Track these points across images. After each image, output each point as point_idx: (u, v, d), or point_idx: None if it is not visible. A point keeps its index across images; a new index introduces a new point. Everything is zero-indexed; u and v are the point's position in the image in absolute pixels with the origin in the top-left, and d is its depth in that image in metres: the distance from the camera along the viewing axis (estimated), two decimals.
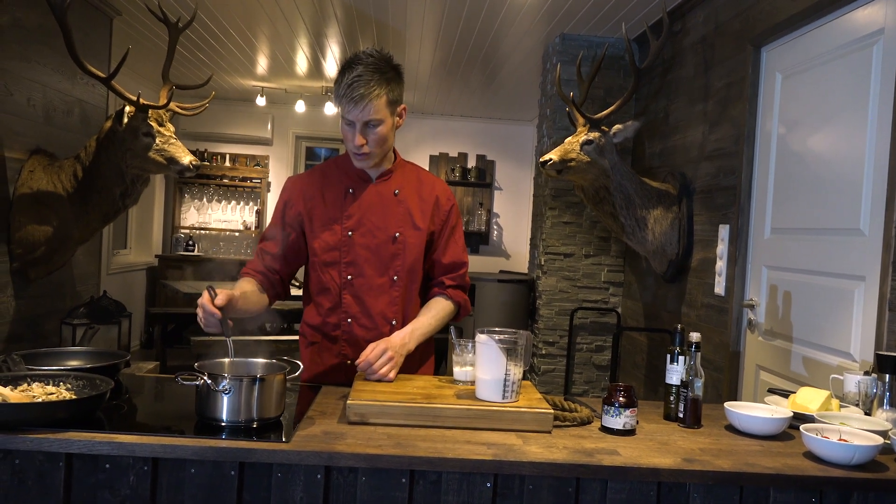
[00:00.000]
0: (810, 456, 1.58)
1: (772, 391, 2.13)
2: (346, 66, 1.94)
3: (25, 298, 3.84)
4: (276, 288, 2.08)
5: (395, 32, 5.07)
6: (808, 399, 1.89)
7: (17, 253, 3.58)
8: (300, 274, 2.19)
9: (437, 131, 8.39)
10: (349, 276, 2.03)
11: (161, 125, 3.46)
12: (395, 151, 2.12)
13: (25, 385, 1.62)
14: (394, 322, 2.05)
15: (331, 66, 6.23)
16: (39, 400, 1.53)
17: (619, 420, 1.69)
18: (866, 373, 1.95)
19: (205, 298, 1.74)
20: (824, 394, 1.88)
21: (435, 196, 2.11)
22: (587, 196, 4.00)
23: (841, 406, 1.90)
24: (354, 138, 1.94)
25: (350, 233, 2.03)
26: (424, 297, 2.16)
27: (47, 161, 3.73)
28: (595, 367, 5.09)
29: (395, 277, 2.05)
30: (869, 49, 2.52)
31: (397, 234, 2.04)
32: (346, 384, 1.98)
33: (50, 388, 1.62)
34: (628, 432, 1.69)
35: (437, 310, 2.10)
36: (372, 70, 1.90)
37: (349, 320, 2.05)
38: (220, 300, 1.74)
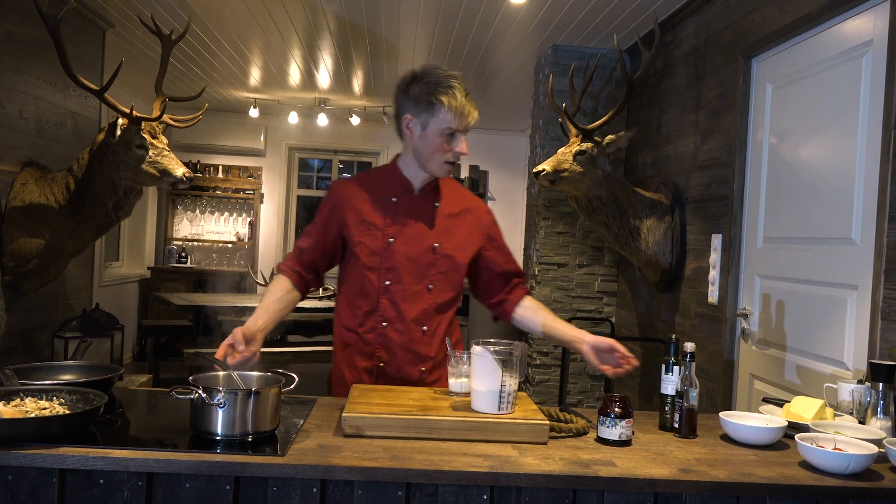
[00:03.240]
0: (805, 465, 1.59)
1: (766, 400, 2.13)
2: (444, 82, 2.03)
3: (17, 311, 3.82)
4: (309, 285, 2.16)
5: (388, 44, 5.09)
6: (803, 408, 1.89)
7: (8, 266, 3.56)
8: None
9: None
10: (387, 282, 2.09)
11: (154, 137, 3.45)
12: None
13: (18, 400, 1.61)
14: (425, 328, 2.10)
15: (324, 78, 6.24)
16: (32, 415, 1.52)
17: (614, 431, 1.69)
18: (860, 381, 1.96)
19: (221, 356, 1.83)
20: (818, 403, 1.89)
21: (475, 212, 2.21)
22: (580, 206, 4.01)
23: (835, 415, 1.90)
24: (458, 146, 2.06)
25: (391, 240, 2.09)
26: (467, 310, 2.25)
27: (40, 173, 3.72)
28: (590, 378, 5.09)
29: (431, 286, 2.11)
30: (858, 60, 2.54)
31: (436, 245, 2.11)
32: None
33: (43, 403, 1.61)
34: (624, 443, 1.69)
35: (550, 312, 2.21)
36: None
37: (384, 324, 2.10)
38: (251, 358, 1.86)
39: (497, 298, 2.24)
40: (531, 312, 2.20)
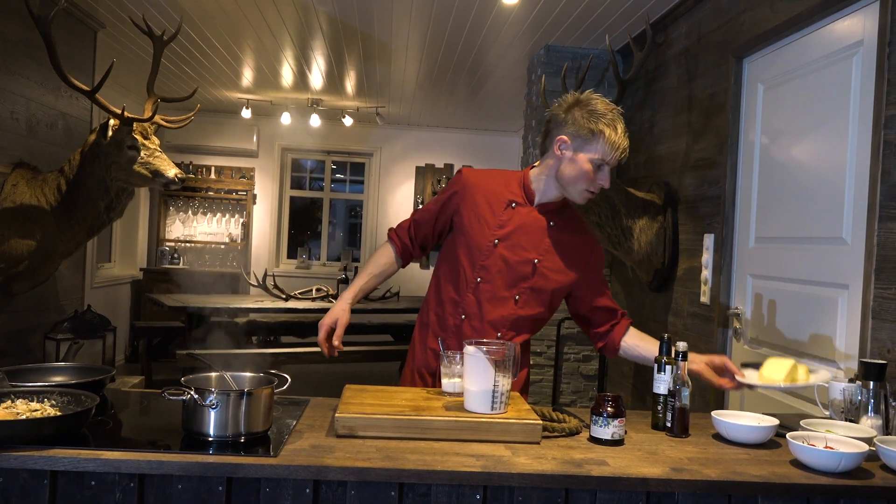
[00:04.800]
0: (797, 464, 1.60)
1: (745, 365, 2.14)
2: (612, 115, 2.04)
3: (8, 313, 3.80)
4: (412, 256, 2.29)
5: (381, 45, 5.09)
6: (775, 370, 1.92)
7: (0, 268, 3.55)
8: (299, 281, 2.27)
9: (422, 142, 8.42)
10: (479, 279, 2.12)
11: (146, 138, 3.44)
12: None
13: (9, 402, 1.60)
14: (499, 334, 2.12)
15: (316, 79, 6.24)
16: (23, 417, 1.52)
17: (607, 430, 1.69)
18: (851, 380, 1.97)
19: (322, 341, 2.11)
20: (789, 363, 1.91)
21: (586, 242, 2.21)
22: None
23: (810, 372, 1.95)
24: (603, 179, 2.06)
25: (496, 241, 2.11)
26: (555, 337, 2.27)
27: (31, 174, 3.71)
28: (583, 377, 5.10)
29: (518, 297, 2.12)
30: (849, 60, 2.56)
31: (537, 261, 2.12)
32: (429, 372, 2.17)
33: (34, 405, 1.60)
34: (617, 442, 1.70)
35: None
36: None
37: (463, 317, 2.13)
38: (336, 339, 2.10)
39: (601, 329, 2.23)
40: (639, 340, 2.18)
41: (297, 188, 8.68)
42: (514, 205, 2.14)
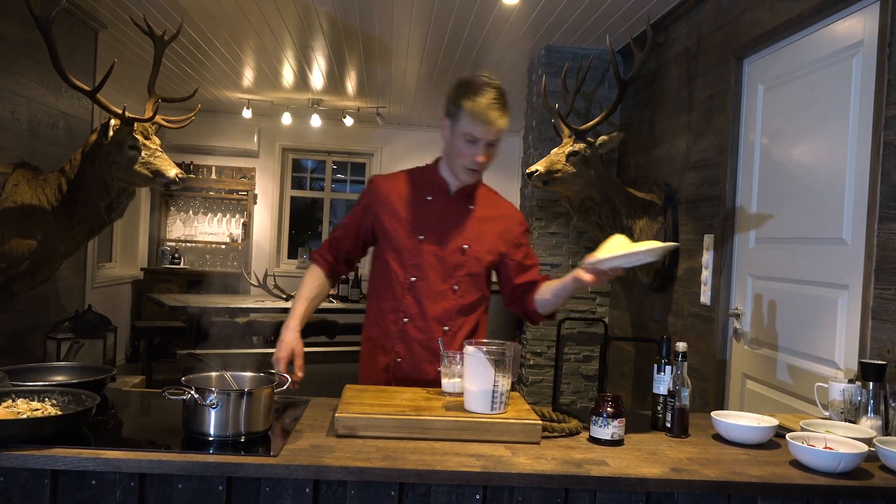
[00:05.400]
0: (796, 464, 1.60)
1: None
2: (476, 89, 2.05)
3: (9, 313, 3.80)
4: (340, 274, 2.27)
5: (382, 45, 5.09)
6: (615, 246, 1.90)
7: (0, 267, 3.55)
8: (300, 281, 2.29)
9: (423, 142, 8.41)
10: (413, 279, 2.13)
11: (147, 138, 3.45)
12: None
13: (10, 401, 1.60)
14: (446, 328, 2.13)
15: (317, 78, 6.24)
16: (24, 416, 1.52)
17: (607, 430, 1.69)
18: (850, 381, 1.97)
19: (283, 372, 1.97)
20: (625, 239, 1.92)
21: (509, 219, 2.22)
22: (573, 206, 4.02)
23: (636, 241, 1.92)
24: (478, 155, 2.08)
25: (421, 238, 2.13)
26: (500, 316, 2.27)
27: (32, 174, 3.71)
28: (583, 378, 5.10)
29: (456, 287, 2.14)
30: (849, 60, 2.56)
31: (466, 247, 2.14)
32: (391, 384, 2.11)
33: (35, 404, 1.61)
34: (616, 442, 1.70)
35: None
36: (500, 94, 2.07)
37: (405, 320, 2.13)
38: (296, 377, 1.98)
39: (521, 306, 2.25)
40: (546, 286, 2.19)
41: (297, 188, 8.68)
42: (429, 198, 2.17)
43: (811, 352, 2.70)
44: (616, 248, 1.90)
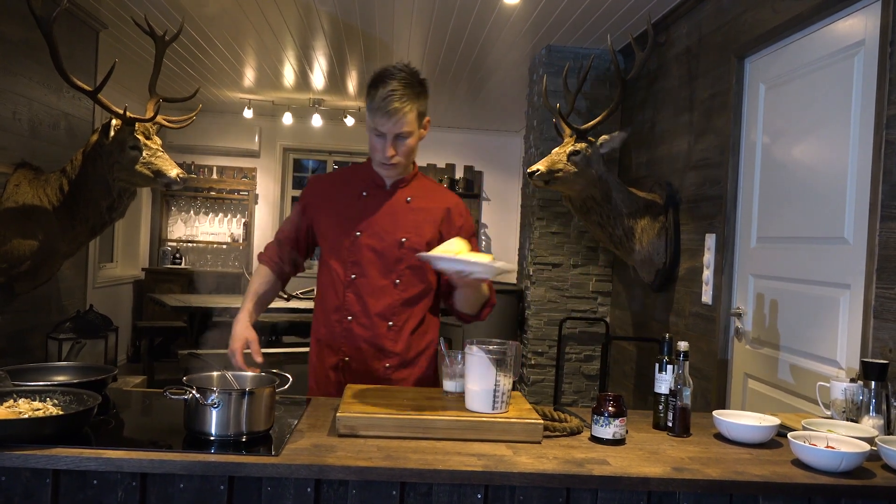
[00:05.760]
0: (798, 463, 1.59)
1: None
2: (378, 80, 2.01)
3: (10, 313, 3.81)
4: (289, 274, 2.24)
5: (383, 45, 5.09)
6: (452, 246, 1.84)
7: (2, 267, 3.55)
8: (301, 281, 2.27)
9: (424, 142, 8.26)
10: (353, 276, 2.10)
11: (148, 138, 3.45)
12: (413, 162, 2.20)
13: (11, 401, 1.60)
14: (391, 323, 2.09)
15: (318, 79, 6.24)
16: (26, 416, 1.52)
17: (608, 430, 1.69)
18: (852, 380, 1.97)
19: (241, 363, 1.94)
20: (464, 245, 1.84)
21: (447, 208, 2.17)
22: (575, 206, 4.02)
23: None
24: (385, 149, 2.03)
25: (358, 233, 2.10)
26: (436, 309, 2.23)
27: (33, 175, 3.71)
28: (584, 377, 5.10)
29: (398, 281, 2.10)
30: (850, 60, 2.55)
31: (404, 240, 2.10)
32: (340, 384, 2.07)
33: (36, 404, 1.61)
34: (618, 442, 1.70)
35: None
36: (404, 85, 1.99)
37: (349, 318, 2.10)
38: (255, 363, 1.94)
39: (446, 300, 2.19)
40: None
41: (298, 188, 8.68)
42: (364, 194, 2.14)
43: (813, 351, 2.69)
44: (446, 249, 1.83)
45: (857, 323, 2.42)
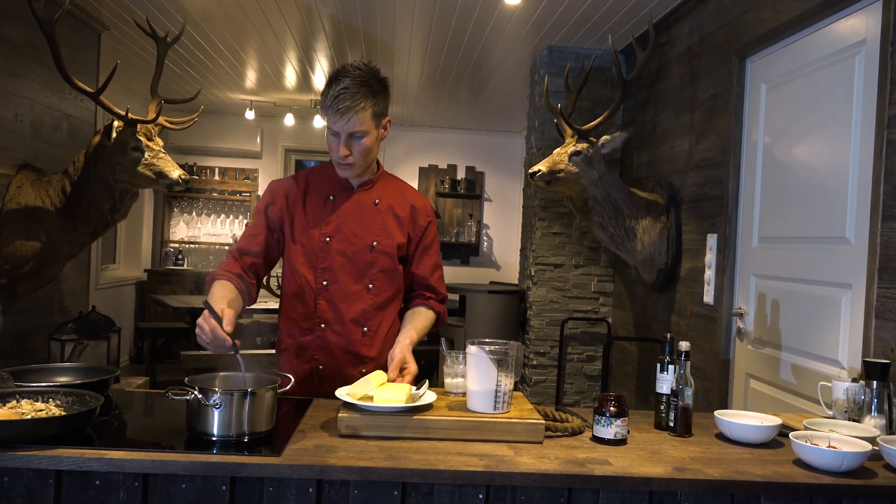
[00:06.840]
0: (800, 463, 1.59)
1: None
2: (332, 79, 1.96)
3: (13, 314, 3.81)
4: (251, 291, 2.06)
5: (384, 46, 5.09)
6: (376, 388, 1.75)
7: (4, 268, 3.56)
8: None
9: (425, 143, 8.42)
10: (325, 282, 2.04)
11: (150, 140, 3.45)
12: (378, 163, 2.14)
13: (14, 402, 1.61)
14: (365, 329, 2.06)
15: (319, 80, 6.24)
16: (28, 416, 1.53)
17: (610, 430, 1.69)
18: (854, 380, 1.97)
19: (211, 324, 1.69)
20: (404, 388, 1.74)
21: (413, 209, 2.13)
22: (576, 206, 4.02)
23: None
24: (339, 149, 1.96)
25: (328, 239, 2.04)
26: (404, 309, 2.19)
27: (35, 176, 3.72)
28: (586, 377, 5.10)
29: (371, 285, 2.06)
30: (852, 59, 2.55)
31: (375, 243, 2.05)
32: (316, 393, 2.03)
33: (39, 405, 1.61)
34: (619, 442, 1.70)
35: (421, 318, 2.11)
36: (359, 83, 1.93)
37: (322, 325, 2.05)
38: (228, 325, 1.72)
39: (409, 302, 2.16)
40: (408, 312, 2.12)
41: None
42: (332, 197, 2.07)
43: (814, 351, 2.69)
44: (364, 386, 1.74)
45: (858, 323, 2.42)
